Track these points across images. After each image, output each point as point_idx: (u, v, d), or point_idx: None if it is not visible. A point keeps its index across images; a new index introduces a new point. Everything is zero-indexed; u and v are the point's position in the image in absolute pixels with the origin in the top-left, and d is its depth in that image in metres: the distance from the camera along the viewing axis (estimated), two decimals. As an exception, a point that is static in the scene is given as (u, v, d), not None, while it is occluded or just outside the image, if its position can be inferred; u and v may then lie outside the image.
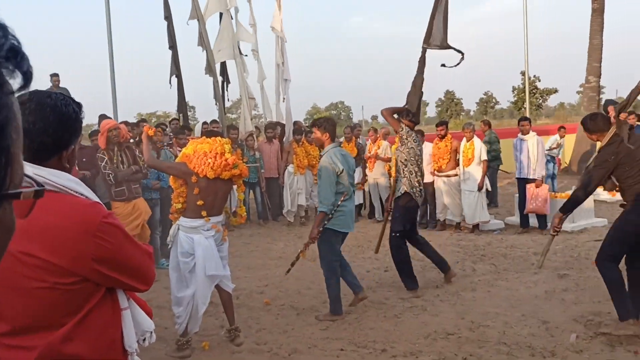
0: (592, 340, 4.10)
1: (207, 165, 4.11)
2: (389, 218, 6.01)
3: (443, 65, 6.32)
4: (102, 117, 8.07)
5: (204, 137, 4.37)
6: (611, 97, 30.33)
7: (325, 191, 4.83)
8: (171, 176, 4.42)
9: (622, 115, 4.51)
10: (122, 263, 1.54)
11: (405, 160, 5.66)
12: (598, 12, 15.91)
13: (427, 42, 6.36)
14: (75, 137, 1.57)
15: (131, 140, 6.72)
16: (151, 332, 1.77)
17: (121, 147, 6.24)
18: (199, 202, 4.15)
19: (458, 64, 6.24)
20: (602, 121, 4.28)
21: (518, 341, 4.17)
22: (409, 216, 5.82)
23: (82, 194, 1.54)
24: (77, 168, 5.93)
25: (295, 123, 10.62)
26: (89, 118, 7.85)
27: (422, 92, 6.23)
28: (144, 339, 1.75)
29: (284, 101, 10.33)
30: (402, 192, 5.66)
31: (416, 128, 6.02)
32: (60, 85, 10.68)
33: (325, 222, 4.80)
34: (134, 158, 6.29)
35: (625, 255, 4.22)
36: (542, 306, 4.95)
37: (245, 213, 4.75)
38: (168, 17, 9.24)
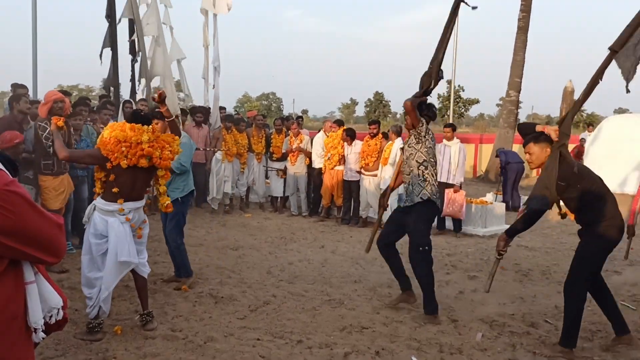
0: (496, 340, 4.35)
1: (120, 154, 3.97)
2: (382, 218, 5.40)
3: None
4: (16, 86, 7.54)
5: (125, 121, 4.20)
6: (527, 111, 32.20)
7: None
8: None
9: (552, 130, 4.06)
10: (26, 234, 1.45)
11: (425, 161, 4.84)
12: (523, 30, 16.82)
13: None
14: None
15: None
16: (59, 309, 1.70)
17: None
18: (114, 190, 4.05)
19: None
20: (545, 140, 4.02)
21: (428, 337, 4.35)
22: (431, 224, 5.16)
23: None
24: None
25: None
26: (5, 84, 7.31)
27: (440, 72, 4.90)
28: (51, 316, 1.67)
29: (213, 88, 10.10)
30: (425, 198, 4.81)
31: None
32: None
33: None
34: (69, 135, 6.00)
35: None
36: (452, 305, 5.19)
37: (168, 202, 4.51)
38: None
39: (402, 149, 5.13)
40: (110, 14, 8.81)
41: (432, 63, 4.86)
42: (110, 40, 8.78)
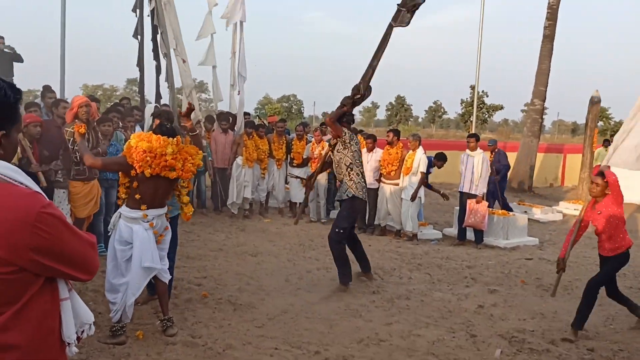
0: (515, 357, 4.31)
1: (145, 163, 4.09)
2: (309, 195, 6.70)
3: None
4: (46, 88, 7.72)
5: (152, 132, 4.32)
6: (553, 118, 31.72)
7: None
8: None
9: None
10: (62, 253, 1.53)
11: (351, 164, 5.89)
12: (549, 38, 16.60)
13: (395, 20, 5.89)
14: (10, 124, 1.55)
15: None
16: (90, 325, 1.77)
17: (89, 126, 6.08)
18: (137, 196, 4.17)
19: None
20: None
21: (446, 352, 4.33)
22: (356, 215, 6.22)
23: (21, 183, 1.53)
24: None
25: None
26: (33, 82, 7.52)
27: (369, 88, 5.92)
28: (83, 331, 1.74)
29: (239, 94, 10.20)
30: (350, 195, 5.90)
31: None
32: (6, 42, 10.40)
33: None
34: (97, 139, 6.15)
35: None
36: (471, 319, 5.15)
37: (190, 211, 4.60)
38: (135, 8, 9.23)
39: (332, 151, 6.11)
40: (140, 32, 9.21)
41: (364, 77, 5.82)
42: (138, 58, 9.16)
